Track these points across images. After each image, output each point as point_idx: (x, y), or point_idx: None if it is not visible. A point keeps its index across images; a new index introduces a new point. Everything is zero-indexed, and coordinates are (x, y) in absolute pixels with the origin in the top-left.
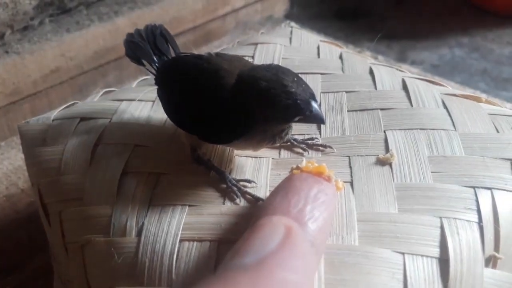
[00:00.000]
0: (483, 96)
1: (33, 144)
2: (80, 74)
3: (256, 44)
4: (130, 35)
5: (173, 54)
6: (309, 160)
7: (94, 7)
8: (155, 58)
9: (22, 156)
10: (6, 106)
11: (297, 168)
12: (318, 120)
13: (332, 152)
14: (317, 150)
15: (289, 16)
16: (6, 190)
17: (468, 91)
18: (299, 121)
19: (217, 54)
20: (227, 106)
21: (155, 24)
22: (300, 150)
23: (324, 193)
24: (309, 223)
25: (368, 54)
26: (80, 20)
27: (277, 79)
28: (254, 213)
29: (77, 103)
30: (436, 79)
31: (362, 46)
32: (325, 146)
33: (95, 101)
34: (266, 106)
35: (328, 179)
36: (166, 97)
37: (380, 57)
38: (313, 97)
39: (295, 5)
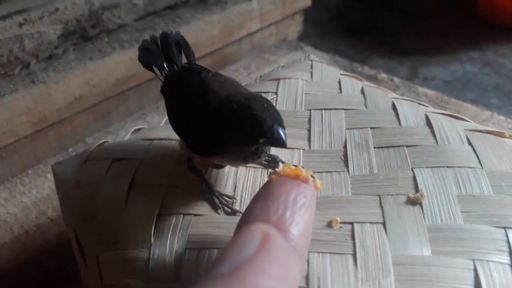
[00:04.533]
0: (498, 116)
1: (67, 185)
2: (102, 101)
3: (278, 79)
4: (145, 42)
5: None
6: (286, 164)
7: (115, 34)
8: (165, 66)
9: (50, 184)
10: (32, 135)
11: (275, 173)
12: (279, 143)
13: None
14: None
15: (301, 35)
16: (36, 220)
17: (480, 109)
18: (264, 143)
19: (213, 74)
20: (208, 124)
21: (172, 32)
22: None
23: (302, 195)
24: (291, 228)
25: (385, 77)
26: (102, 48)
27: (246, 103)
28: (238, 223)
29: (108, 141)
30: (446, 98)
31: (373, 63)
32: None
33: (126, 141)
34: (233, 127)
35: (306, 181)
36: (168, 105)
37: (396, 79)
38: (279, 122)
39: (307, 24)
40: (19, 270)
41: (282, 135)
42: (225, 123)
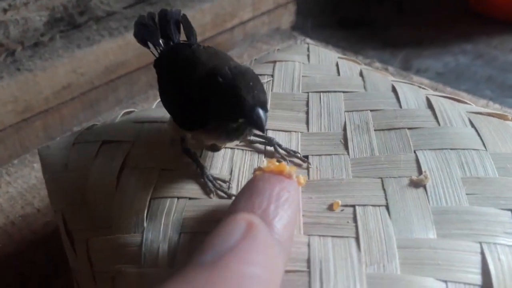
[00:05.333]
0: (491, 104)
1: (55, 170)
2: (91, 90)
3: (275, 62)
4: (141, 17)
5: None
6: (270, 160)
7: (104, 22)
8: (160, 42)
9: (36, 174)
10: (18, 124)
11: (259, 169)
12: (258, 126)
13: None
14: (295, 159)
15: (293, 27)
16: (22, 210)
17: (475, 99)
18: (245, 123)
19: (205, 47)
20: (193, 96)
21: (171, 10)
22: (278, 155)
23: (286, 190)
24: (274, 222)
25: (379, 66)
26: (90, 36)
27: (231, 78)
28: (219, 218)
29: (97, 124)
30: (441, 87)
31: (366, 55)
32: (304, 161)
33: (116, 123)
34: (215, 102)
35: (289, 176)
36: (159, 79)
37: (390, 68)
38: (262, 104)
39: (298, 16)
40: (4, 262)
41: (262, 118)
42: (208, 96)
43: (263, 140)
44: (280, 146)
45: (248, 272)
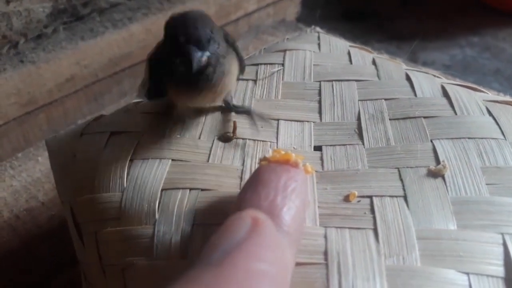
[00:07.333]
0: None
1: (63, 161)
2: (94, 82)
3: (285, 51)
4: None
5: None
6: (276, 149)
7: (108, 14)
8: None
9: (41, 168)
10: (22, 117)
11: (265, 159)
12: (187, 62)
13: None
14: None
15: (298, 18)
16: (26, 204)
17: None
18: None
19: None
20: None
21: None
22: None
23: (293, 180)
24: (282, 213)
25: (386, 57)
26: (94, 28)
27: (173, 20)
28: (230, 210)
29: (104, 115)
30: (451, 78)
31: (372, 47)
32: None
33: (124, 114)
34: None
35: (296, 165)
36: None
37: (398, 59)
38: (195, 41)
39: (302, 8)
40: (9, 256)
41: (192, 54)
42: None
43: (243, 109)
44: (252, 112)
45: (256, 268)
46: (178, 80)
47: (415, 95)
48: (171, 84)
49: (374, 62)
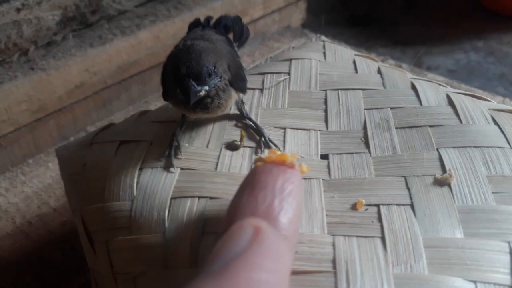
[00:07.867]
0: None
1: (73, 170)
2: (103, 89)
3: (291, 60)
4: (197, 20)
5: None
6: (271, 149)
7: (116, 21)
8: None
9: (52, 174)
10: (32, 123)
11: (260, 159)
12: (185, 95)
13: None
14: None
15: (304, 25)
16: (38, 210)
17: (490, 96)
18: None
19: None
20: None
21: (227, 15)
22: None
23: (290, 182)
24: (280, 216)
25: (393, 64)
26: (102, 35)
27: (178, 51)
28: (227, 212)
29: (114, 124)
30: (456, 84)
31: (377, 52)
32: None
33: (133, 123)
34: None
35: (292, 166)
36: None
37: (403, 65)
38: (194, 76)
39: (307, 14)
40: (22, 261)
41: (190, 87)
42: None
43: (254, 127)
44: (265, 137)
45: (257, 277)
46: (177, 103)
47: (421, 104)
48: (172, 100)
49: (379, 71)
